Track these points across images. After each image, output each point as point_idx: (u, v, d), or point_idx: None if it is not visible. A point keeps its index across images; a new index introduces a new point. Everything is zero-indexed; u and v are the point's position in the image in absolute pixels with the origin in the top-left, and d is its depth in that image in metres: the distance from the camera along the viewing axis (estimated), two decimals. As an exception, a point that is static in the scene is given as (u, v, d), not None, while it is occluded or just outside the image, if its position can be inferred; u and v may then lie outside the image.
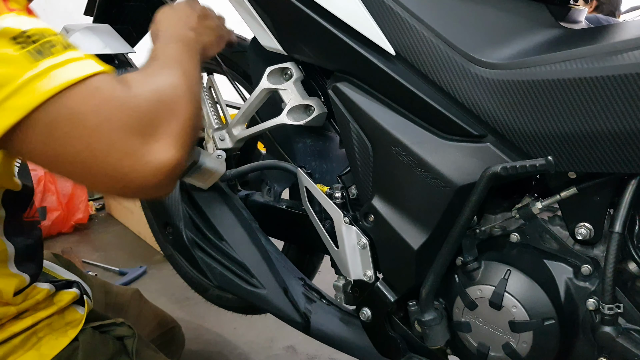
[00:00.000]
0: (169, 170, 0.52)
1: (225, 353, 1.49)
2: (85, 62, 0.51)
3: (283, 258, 0.96)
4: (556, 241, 0.66)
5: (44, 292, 0.76)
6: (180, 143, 0.53)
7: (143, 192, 0.52)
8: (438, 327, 0.72)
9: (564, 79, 0.56)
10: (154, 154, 0.51)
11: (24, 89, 0.47)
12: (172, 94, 0.56)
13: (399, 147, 0.69)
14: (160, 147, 0.51)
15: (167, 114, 0.54)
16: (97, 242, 2.28)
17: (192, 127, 0.57)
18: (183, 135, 0.54)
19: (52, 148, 0.49)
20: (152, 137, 0.51)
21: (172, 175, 0.53)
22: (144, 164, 0.50)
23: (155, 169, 0.51)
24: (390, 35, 0.66)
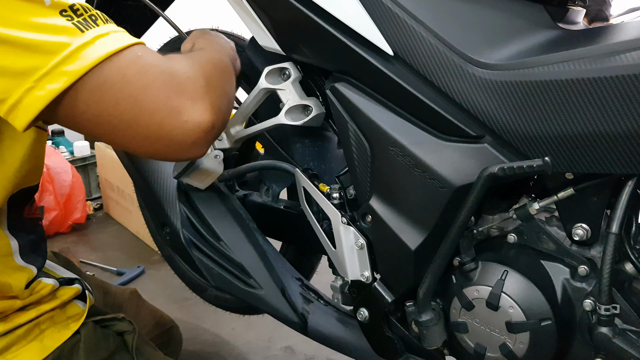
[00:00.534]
0: (205, 131, 0.57)
1: (223, 353, 1.48)
2: (125, 35, 0.56)
3: (281, 258, 0.96)
4: (553, 242, 0.66)
5: (49, 287, 0.77)
6: (215, 109, 0.59)
7: (181, 149, 0.57)
8: (435, 327, 0.72)
9: (562, 80, 0.56)
10: (193, 114, 0.56)
11: (75, 55, 0.50)
12: (208, 73, 0.62)
13: (397, 147, 0.69)
14: (198, 108, 0.57)
15: (204, 85, 0.59)
16: (95, 242, 2.27)
17: (226, 101, 0.64)
18: (218, 104, 0.60)
19: (101, 109, 0.53)
20: (191, 100, 0.56)
21: (208, 136, 0.58)
22: (183, 122, 0.55)
23: (194, 127, 0.56)
24: (389, 36, 0.66)
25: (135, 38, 0.56)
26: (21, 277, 0.73)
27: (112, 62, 0.52)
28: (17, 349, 0.72)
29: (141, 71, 0.54)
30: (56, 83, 0.50)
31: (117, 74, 0.52)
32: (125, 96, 0.53)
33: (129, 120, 0.54)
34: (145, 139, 0.56)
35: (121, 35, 0.55)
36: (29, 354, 0.72)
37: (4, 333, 0.71)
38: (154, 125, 0.54)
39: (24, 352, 0.72)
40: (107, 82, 0.52)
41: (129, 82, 0.53)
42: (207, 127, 0.57)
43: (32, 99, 0.50)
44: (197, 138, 0.57)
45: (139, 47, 0.55)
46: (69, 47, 0.50)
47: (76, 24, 0.52)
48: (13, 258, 0.73)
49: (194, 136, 0.56)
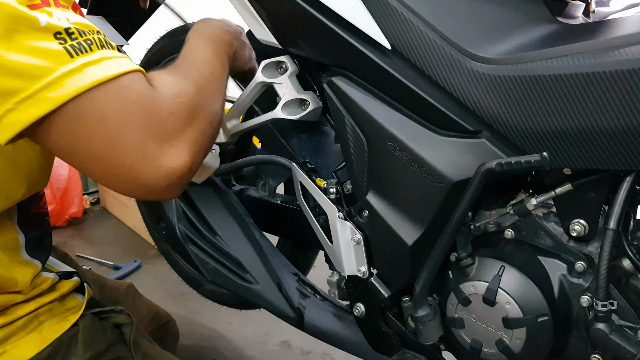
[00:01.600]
0: (180, 176, 0.54)
1: (219, 348, 1.49)
2: (119, 61, 0.53)
3: (277, 253, 0.96)
4: (550, 238, 0.66)
5: (49, 280, 0.78)
6: (195, 150, 0.56)
7: (152, 193, 0.54)
8: (431, 323, 0.71)
9: (561, 75, 0.55)
10: (168, 159, 0.53)
11: (57, 83, 0.49)
12: (195, 101, 0.59)
13: (394, 142, 0.68)
14: (175, 153, 0.54)
15: (186, 121, 0.56)
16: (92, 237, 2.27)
17: (209, 136, 0.60)
18: (199, 143, 0.57)
19: (74, 142, 0.51)
20: (169, 142, 0.54)
21: (182, 180, 0.55)
22: (157, 167, 0.53)
23: (167, 173, 0.53)
24: (387, 30, 0.65)
25: (129, 64, 0.54)
26: (27, 272, 0.73)
27: (93, 94, 0.50)
28: (16, 340, 0.72)
29: (121, 107, 0.51)
30: (35, 108, 0.48)
31: (95, 108, 0.50)
32: (100, 133, 0.51)
33: (101, 157, 0.52)
34: (116, 178, 0.53)
35: (112, 63, 0.52)
36: (28, 344, 0.73)
37: (4, 325, 0.71)
38: (125, 166, 0.52)
39: (23, 343, 0.72)
40: (84, 115, 0.50)
41: (106, 118, 0.51)
42: (183, 172, 0.54)
43: (11, 120, 0.49)
44: (170, 183, 0.54)
45: (130, 77, 0.53)
46: (54, 72, 0.49)
47: (68, 47, 0.50)
48: (19, 252, 0.73)
49: (166, 182, 0.54)
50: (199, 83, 0.62)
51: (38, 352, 0.72)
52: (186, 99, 0.58)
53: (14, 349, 0.71)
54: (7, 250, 0.71)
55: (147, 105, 0.53)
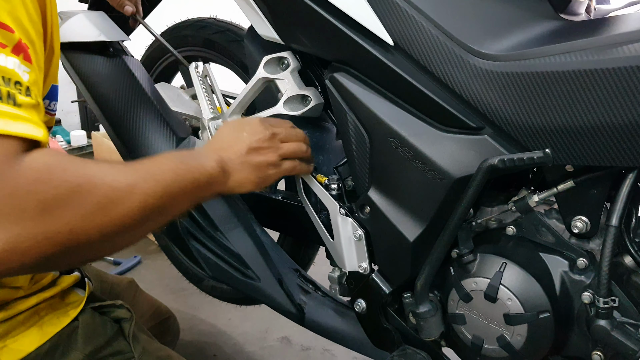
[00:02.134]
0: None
1: (219, 344, 1.49)
2: (11, 124, 0.46)
3: (278, 249, 0.96)
4: (552, 234, 0.66)
5: (50, 276, 0.78)
6: (24, 240, 0.45)
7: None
8: (433, 319, 0.72)
9: (563, 71, 0.55)
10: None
11: None
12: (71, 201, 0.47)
13: (396, 138, 0.68)
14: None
15: (33, 209, 0.45)
16: (92, 232, 2.26)
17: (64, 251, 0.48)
18: (37, 239, 0.46)
19: None
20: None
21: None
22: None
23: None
24: (389, 25, 0.65)
25: (30, 134, 0.47)
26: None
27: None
28: (17, 334, 0.72)
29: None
30: None
31: None
32: None
33: None
34: None
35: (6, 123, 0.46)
36: (28, 339, 0.73)
37: (5, 320, 0.71)
38: None
39: (23, 338, 0.72)
40: None
41: None
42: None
43: None
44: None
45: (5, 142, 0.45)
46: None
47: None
48: None
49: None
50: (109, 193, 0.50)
51: (38, 346, 0.72)
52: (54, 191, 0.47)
53: (15, 343, 0.72)
54: None
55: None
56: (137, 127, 0.95)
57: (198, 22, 1.14)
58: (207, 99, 0.96)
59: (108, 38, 0.98)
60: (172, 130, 0.95)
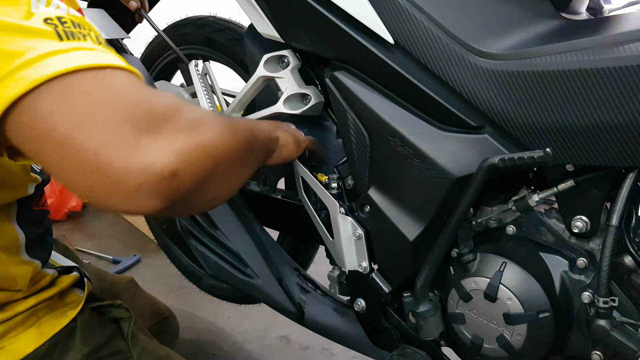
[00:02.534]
0: (159, 177, 0.42)
1: (219, 342, 1.49)
2: (113, 57, 0.46)
3: (278, 248, 0.96)
4: (552, 234, 0.66)
5: (49, 277, 0.77)
6: (186, 158, 0.44)
7: (119, 194, 0.43)
8: (432, 318, 0.71)
9: (565, 71, 0.55)
10: (145, 150, 0.42)
11: (37, 62, 0.42)
12: (210, 123, 0.48)
13: (396, 137, 0.68)
14: (156, 147, 0.43)
15: (183, 127, 0.45)
16: (91, 230, 2.26)
17: (210, 164, 0.48)
18: (194, 154, 0.45)
19: (40, 126, 0.43)
20: (150, 133, 0.43)
21: (164, 185, 0.43)
22: (128, 156, 0.42)
23: (141, 166, 0.42)
24: (390, 24, 0.65)
25: (130, 70, 0.47)
26: (26, 271, 0.73)
27: (72, 79, 0.43)
28: (15, 335, 0.72)
29: (100, 88, 0.43)
30: (11, 88, 0.42)
31: (67, 85, 0.42)
32: (64, 107, 0.42)
33: (61, 136, 0.42)
34: (77, 167, 0.43)
35: (107, 56, 0.46)
36: (27, 339, 0.72)
37: (2, 321, 0.71)
38: (89, 150, 0.41)
39: (22, 339, 0.72)
40: (55, 90, 0.42)
41: (78, 93, 0.43)
42: (164, 173, 0.42)
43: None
44: (143, 182, 0.42)
45: (124, 74, 0.45)
46: (34, 51, 0.43)
47: (58, 31, 0.45)
48: (19, 253, 0.73)
49: (138, 178, 0.42)
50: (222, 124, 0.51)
51: (36, 347, 0.72)
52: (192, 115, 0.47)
53: (12, 345, 0.71)
54: (7, 251, 0.71)
55: (137, 98, 0.44)
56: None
57: (198, 20, 1.13)
58: (207, 97, 0.96)
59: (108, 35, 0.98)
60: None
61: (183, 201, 0.46)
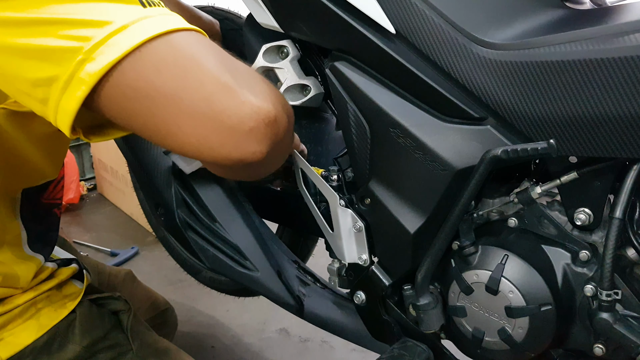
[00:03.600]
0: (266, 121, 0.46)
1: (218, 335, 1.49)
2: (188, 22, 0.49)
3: (277, 241, 0.95)
4: (555, 226, 0.65)
5: (49, 270, 0.77)
6: (279, 109, 0.49)
7: (233, 140, 0.46)
8: (433, 311, 0.71)
9: (568, 61, 0.54)
10: (251, 97, 0.46)
11: (133, 27, 0.44)
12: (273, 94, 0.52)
13: (398, 128, 0.67)
14: (257, 96, 0.47)
15: (272, 94, 0.50)
16: (89, 223, 2.26)
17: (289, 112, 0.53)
18: (281, 105, 0.50)
19: (140, 78, 0.44)
20: (249, 85, 0.47)
21: (269, 128, 0.47)
22: (239, 103, 0.45)
23: (251, 111, 0.45)
24: (391, 13, 0.64)
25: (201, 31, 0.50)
26: (29, 267, 0.73)
27: (170, 37, 0.45)
28: (14, 327, 0.72)
29: (196, 51, 0.46)
30: (110, 54, 0.43)
31: (170, 49, 0.45)
32: (169, 63, 0.44)
33: (171, 91, 0.44)
34: (190, 119, 0.45)
35: (184, 21, 0.48)
36: (26, 332, 0.72)
37: (1, 313, 0.71)
38: (202, 100, 0.44)
39: (21, 331, 0.72)
40: (152, 51, 0.44)
41: (177, 50, 0.45)
42: (269, 115, 0.46)
43: (83, 74, 0.43)
44: (255, 126, 0.45)
45: (204, 37, 0.49)
46: (127, 18, 0.44)
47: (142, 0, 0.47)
48: (22, 248, 0.73)
49: (251, 122, 0.45)
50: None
51: (35, 339, 0.72)
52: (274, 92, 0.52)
53: (11, 336, 0.71)
54: (11, 247, 0.71)
55: (224, 58, 0.48)
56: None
57: (196, 11, 1.12)
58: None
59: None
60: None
61: (275, 150, 0.50)
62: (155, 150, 0.92)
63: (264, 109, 0.46)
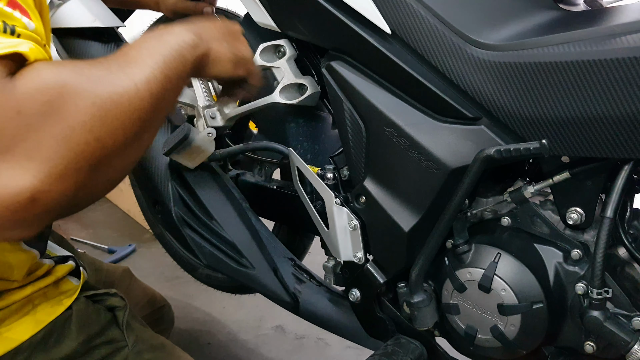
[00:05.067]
0: (20, 202, 0.38)
1: (214, 332, 1.49)
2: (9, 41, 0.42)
3: (273, 238, 0.96)
4: (547, 225, 0.66)
5: (45, 266, 0.78)
6: (50, 176, 0.40)
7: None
8: (427, 309, 0.72)
9: (561, 62, 0.55)
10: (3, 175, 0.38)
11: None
12: (80, 101, 0.43)
13: (393, 128, 0.68)
14: (10, 170, 0.38)
15: (43, 126, 0.40)
16: (86, 220, 2.26)
17: (95, 159, 0.43)
18: (69, 162, 0.41)
19: None
20: (9, 157, 0.39)
21: (29, 210, 0.39)
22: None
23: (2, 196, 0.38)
24: (387, 14, 0.65)
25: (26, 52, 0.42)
26: (24, 259, 0.73)
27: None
28: (10, 323, 0.72)
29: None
30: None
31: None
32: None
33: None
34: None
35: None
36: (22, 327, 0.73)
37: None
38: None
39: (17, 326, 0.72)
40: None
41: None
42: (24, 197, 0.38)
43: None
44: (5, 215, 0.38)
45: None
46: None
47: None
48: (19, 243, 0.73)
49: (5, 209, 0.38)
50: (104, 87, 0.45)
51: (32, 335, 0.72)
52: (57, 99, 0.41)
53: (8, 332, 0.71)
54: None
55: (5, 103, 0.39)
56: (132, 114, 0.94)
57: (194, 9, 1.12)
58: (203, 87, 0.95)
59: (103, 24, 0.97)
60: (166, 117, 0.94)
61: (68, 207, 0.42)
62: (153, 148, 0.93)
63: (18, 189, 0.38)
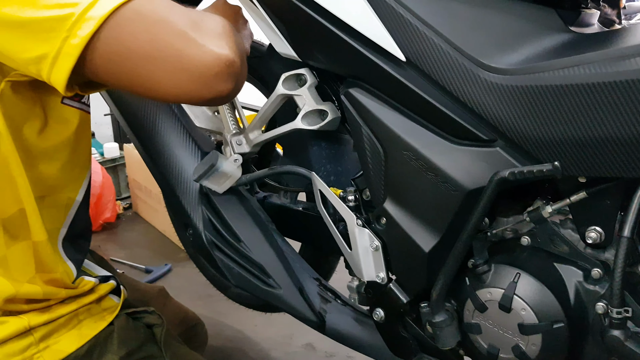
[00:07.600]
0: (227, 63, 0.57)
1: (245, 349, 1.52)
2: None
3: (299, 258, 0.98)
4: (567, 244, 0.66)
5: (91, 284, 0.84)
6: (234, 48, 0.60)
7: (204, 84, 0.57)
8: (448, 328, 0.73)
9: (573, 84, 0.56)
10: (212, 46, 0.57)
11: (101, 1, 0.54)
12: (223, 21, 0.65)
13: (410, 151, 0.70)
14: (217, 43, 0.58)
15: (221, 26, 0.62)
16: (124, 241, 2.34)
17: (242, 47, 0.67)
18: (235, 45, 0.61)
19: (120, 46, 0.55)
20: (208, 36, 0.58)
21: (231, 69, 0.58)
22: (203, 53, 0.56)
23: (213, 58, 0.56)
24: (401, 42, 0.67)
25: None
26: (65, 270, 0.78)
27: (130, 4, 0.55)
28: (58, 336, 0.77)
29: (157, 8, 0.57)
30: (85, 29, 0.53)
31: (132, 12, 0.55)
32: (141, 29, 0.55)
33: (147, 53, 0.55)
34: (166, 74, 0.56)
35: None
36: (69, 340, 0.78)
37: (47, 322, 0.76)
38: (173, 57, 0.55)
39: (64, 339, 0.78)
40: (124, 20, 0.55)
41: (148, 18, 0.55)
42: (228, 59, 0.58)
43: (68, 48, 0.53)
44: (219, 70, 0.57)
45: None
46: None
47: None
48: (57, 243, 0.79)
49: (215, 67, 0.57)
50: (224, 21, 0.66)
51: (77, 347, 0.77)
52: (217, 18, 0.64)
53: (56, 345, 0.76)
54: (50, 235, 0.76)
55: (184, 12, 0.59)
56: (164, 142, 0.99)
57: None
58: (230, 115, 0.99)
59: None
60: (196, 144, 0.99)
61: (239, 81, 0.62)
62: (183, 174, 0.97)
63: (224, 55, 0.57)
